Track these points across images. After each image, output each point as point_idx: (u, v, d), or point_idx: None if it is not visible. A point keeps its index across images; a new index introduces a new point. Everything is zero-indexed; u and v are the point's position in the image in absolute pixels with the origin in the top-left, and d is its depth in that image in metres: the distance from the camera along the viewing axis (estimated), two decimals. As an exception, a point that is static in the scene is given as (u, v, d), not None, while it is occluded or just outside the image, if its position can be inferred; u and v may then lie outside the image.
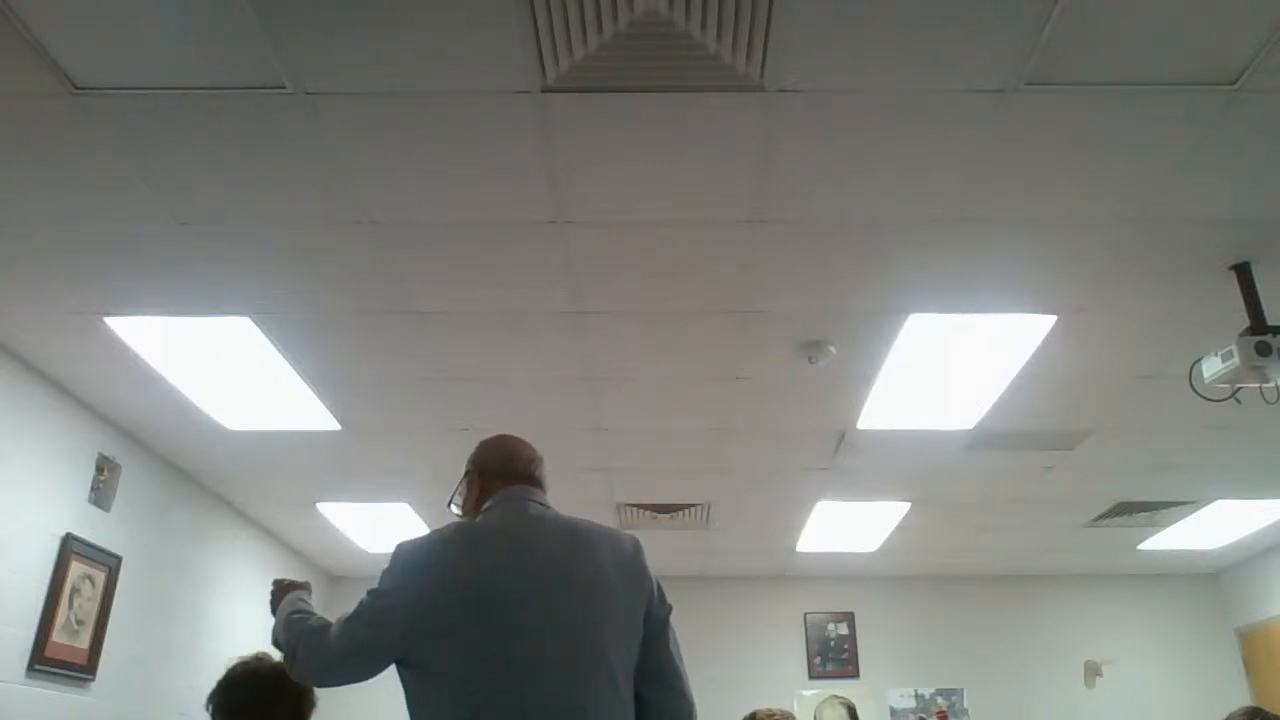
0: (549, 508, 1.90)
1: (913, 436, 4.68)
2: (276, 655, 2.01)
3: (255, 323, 3.56)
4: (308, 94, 2.40)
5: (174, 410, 4.36)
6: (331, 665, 1.74)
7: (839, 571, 7.34)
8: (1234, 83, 2.36)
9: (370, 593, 1.74)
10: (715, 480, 5.35)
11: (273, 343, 3.70)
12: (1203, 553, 6.87)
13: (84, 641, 4.30)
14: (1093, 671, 7.24)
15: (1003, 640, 7.33)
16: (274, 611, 1.97)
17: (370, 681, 1.76)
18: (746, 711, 3.28)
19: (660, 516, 6.02)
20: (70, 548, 4.16)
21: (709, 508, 5.86)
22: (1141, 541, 6.59)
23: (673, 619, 1.86)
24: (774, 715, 3.20)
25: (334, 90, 2.39)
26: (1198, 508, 5.83)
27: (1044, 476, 5.26)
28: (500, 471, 1.94)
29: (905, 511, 5.93)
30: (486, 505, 1.90)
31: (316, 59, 2.29)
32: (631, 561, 1.82)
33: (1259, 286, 3.13)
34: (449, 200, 2.83)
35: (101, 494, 4.44)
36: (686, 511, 5.94)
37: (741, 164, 2.67)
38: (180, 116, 2.47)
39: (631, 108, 2.46)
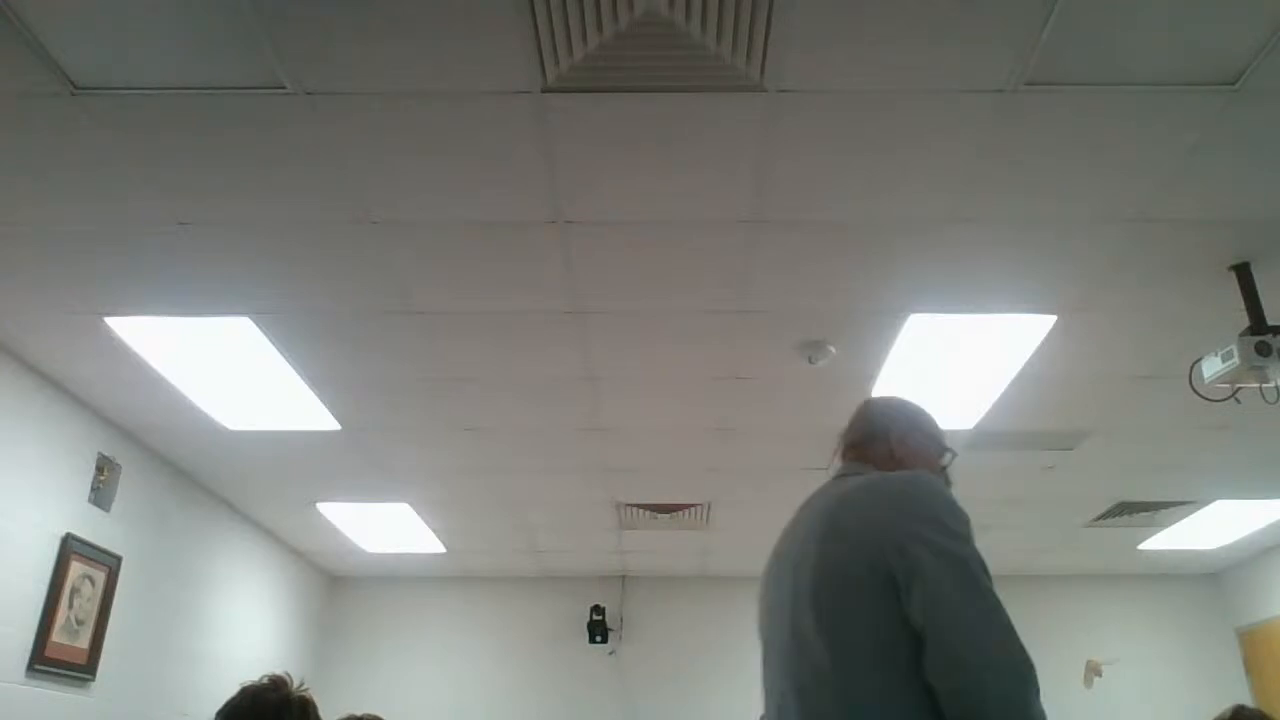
0: (849, 477, 1.69)
1: (913, 436, 4.67)
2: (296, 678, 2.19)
3: (255, 323, 3.55)
4: (308, 94, 2.40)
5: (174, 410, 4.36)
6: None
7: (839, 571, 7.32)
8: (1234, 83, 2.36)
9: None
10: (715, 480, 5.35)
11: (273, 343, 3.70)
12: (1203, 553, 6.87)
13: (84, 641, 4.30)
14: (1093, 671, 7.23)
15: (1003, 640, 7.31)
16: None
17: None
18: (749, 712, 3.28)
19: (660, 516, 6.02)
20: (70, 548, 4.16)
21: (709, 508, 5.86)
22: (1142, 541, 6.59)
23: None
24: None
25: (334, 90, 2.39)
26: (1198, 508, 5.83)
27: (1044, 476, 5.26)
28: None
29: (905, 511, 5.91)
30: None
31: (316, 59, 2.29)
32: (852, 516, 1.50)
33: (1259, 286, 3.13)
34: (449, 200, 2.83)
35: (101, 494, 4.44)
36: (686, 511, 5.94)
37: (741, 164, 2.67)
38: (180, 116, 2.47)
39: (631, 108, 2.46)
